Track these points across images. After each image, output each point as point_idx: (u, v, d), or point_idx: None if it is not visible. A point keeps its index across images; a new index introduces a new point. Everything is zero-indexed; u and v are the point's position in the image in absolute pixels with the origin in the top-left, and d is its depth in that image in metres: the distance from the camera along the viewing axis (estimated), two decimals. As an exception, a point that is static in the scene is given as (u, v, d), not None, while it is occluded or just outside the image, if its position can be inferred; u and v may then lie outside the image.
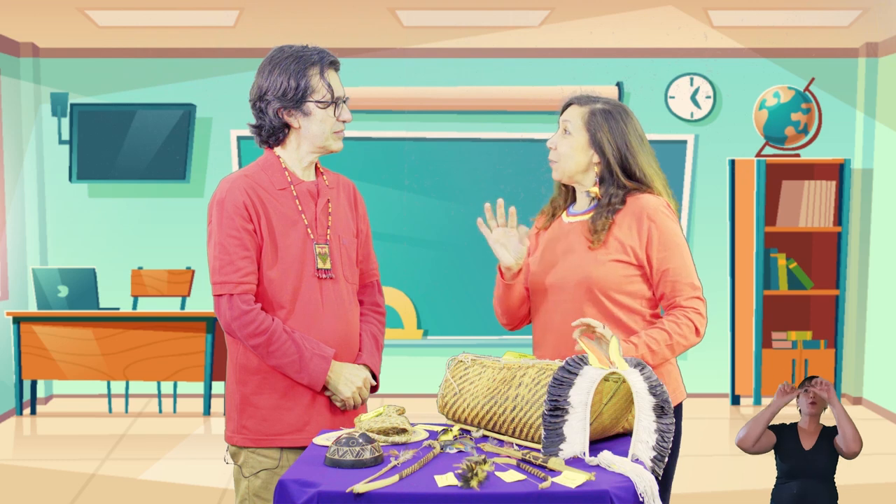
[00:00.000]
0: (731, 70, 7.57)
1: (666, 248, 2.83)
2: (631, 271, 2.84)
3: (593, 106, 2.90)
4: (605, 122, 2.87)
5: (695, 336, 2.81)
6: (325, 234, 2.86)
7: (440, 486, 2.16)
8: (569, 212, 3.01)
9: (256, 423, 2.81)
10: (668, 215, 2.86)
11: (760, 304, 7.31)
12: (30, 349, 6.97)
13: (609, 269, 2.82)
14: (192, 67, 7.49)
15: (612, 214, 2.85)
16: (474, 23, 6.75)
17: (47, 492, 5.43)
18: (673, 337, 2.77)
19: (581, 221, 2.93)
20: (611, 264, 2.83)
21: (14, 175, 7.37)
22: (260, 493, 2.80)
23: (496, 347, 6.25)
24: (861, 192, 7.56)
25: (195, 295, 7.19)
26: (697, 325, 2.81)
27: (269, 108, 2.80)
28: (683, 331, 2.79)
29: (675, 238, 2.85)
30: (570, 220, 2.97)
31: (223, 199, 2.78)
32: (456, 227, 7.56)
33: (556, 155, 2.94)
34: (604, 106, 2.90)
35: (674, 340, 2.77)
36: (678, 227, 2.89)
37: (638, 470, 2.22)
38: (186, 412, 7.19)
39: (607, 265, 2.82)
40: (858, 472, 4.13)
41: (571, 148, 2.90)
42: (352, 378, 2.83)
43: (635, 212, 2.84)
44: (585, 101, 2.92)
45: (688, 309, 2.81)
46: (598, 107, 2.90)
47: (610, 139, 2.86)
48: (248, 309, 2.74)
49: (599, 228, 2.84)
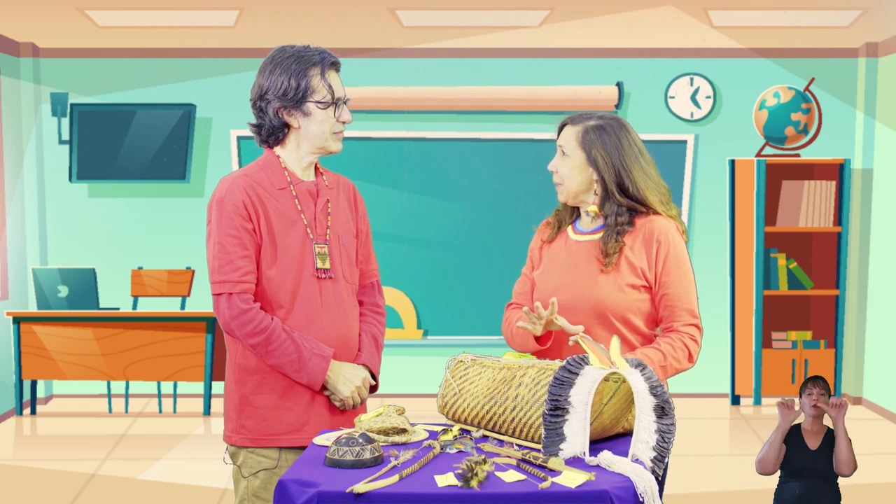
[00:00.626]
0: (731, 70, 7.57)
1: (670, 273, 2.84)
2: (643, 295, 2.85)
3: (586, 123, 2.89)
4: (598, 137, 2.86)
5: (687, 362, 2.83)
6: (325, 233, 2.86)
7: (440, 486, 2.16)
8: (575, 228, 2.98)
9: (255, 423, 2.81)
10: (678, 239, 2.87)
11: (760, 304, 7.31)
12: (30, 349, 6.97)
13: (624, 296, 2.83)
14: (192, 67, 7.49)
15: (621, 236, 2.84)
16: (474, 23, 6.75)
17: (47, 492, 5.43)
18: (667, 359, 2.79)
19: (590, 242, 2.91)
20: (627, 290, 2.83)
21: (14, 175, 7.37)
22: (259, 493, 2.80)
23: (496, 347, 6.22)
24: (861, 192, 7.56)
25: (195, 295, 7.19)
26: (691, 351, 2.83)
27: (270, 107, 2.81)
28: (678, 354, 2.81)
29: (681, 264, 2.86)
30: (578, 238, 2.95)
31: (222, 199, 2.79)
32: (456, 227, 7.56)
33: (559, 178, 2.93)
34: (597, 122, 2.89)
35: (667, 362, 2.79)
36: (686, 252, 2.90)
37: (638, 470, 2.22)
38: (186, 412, 7.19)
39: (623, 291, 2.82)
40: (858, 472, 4.13)
41: (570, 169, 2.89)
42: (351, 377, 2.83)
43: (646, 234, 2.85)
44: (578, 120, 2.92)
45: (684, 334, 2.83)
46: (591, 124, 2.89)
47: (604, 154, 2.85)
48: (247, 308, 2.74)
49: (611, 252, 2.83)
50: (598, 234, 2.91)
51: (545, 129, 7.49)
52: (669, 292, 2.84)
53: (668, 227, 2.87)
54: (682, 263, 2.86)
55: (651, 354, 2.78)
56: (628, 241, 2.85)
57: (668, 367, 2.79)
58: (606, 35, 7.11)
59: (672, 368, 2.80)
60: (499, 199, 7.55)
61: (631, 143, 2.89)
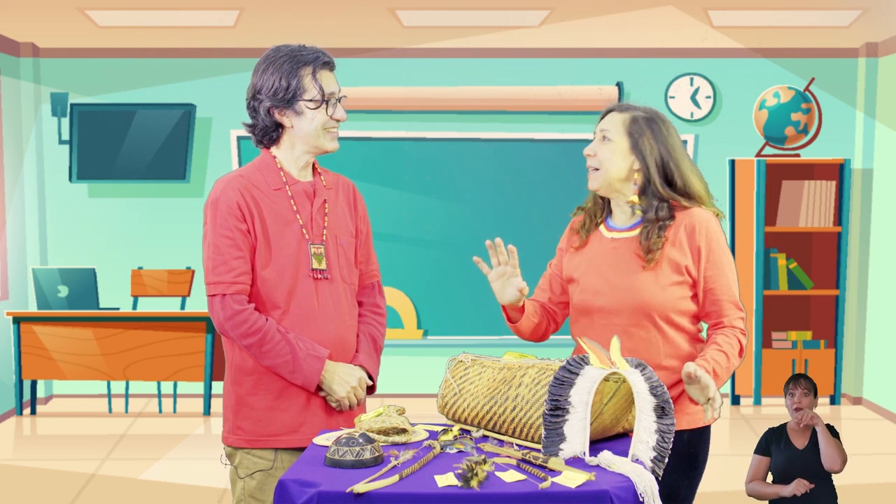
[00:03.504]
0: (731, 70, 7.57)
1: (715, 266, 2.77)
2: (686, 292, 2.78)
3: (634, 113, 2.84)
4: (648, 127, 2.80)
5: (739, 358, 2.77)
6: (321, 234, 2.85)
7: (440, 486, 2.16)
8: (608, 226, 2.89)
9: (251, 424, 2.81)
10: (719, 231, 2.81)
11: (760, 304, 7.31)
12: (30, 349, 6.97)
13: (669, 294, 2.76)
14: (192, 67, 7.49)
15: (663, 231, 2.76)
16: (474, 23, 6.75)
17: (47, 492, 5.43)
18: (730, 360, 2.72)
19: (628, 238, 2.82)
20: (671, 288, 2.76)
21: (14, 175, 7.37)
22: (255, 493, 2.80)
23: (496, 347, 6.24)
24: (861, 192, 7.56)
25: (195, 295, 7.19)
26: (743, 347, 2.78)
27: (262, 107, 2.81)
28: (735, 351, 2.75)
29: (723, 256, 2.80)
30: (614, 235, 2.86)
31: (217, 199, 2.79)
32: (456, 227, 7.56)
33: (597, 161, 2.83)
34: (645, 113, 2.84)
35: (730, 363, 2.73)
36: (726, 243, 2.84)
37: (638, 470, 2.22)
38: (186, 412, 7.19)
39: (668, 290, 2.75)
40: (858, 473, 4.13)
41: (613, 153, 2.80)
42: (346, 378, 2.82)
43: (686, 227, 2.77)
44: (626, 109, 2.86)
45: (736, 329, 2.78)
46: (639, 114, 2.83)
47: (653, 144, 2.79)
48: (241, 309, 2.74)
49: (654, 248, 2.74)
50: (635, 230, 2.82)
51: (545, 129, 7.50)
52: (715, 286, 2.77)
53: (708, 218, 2.80)
54: (724, 255, 2.80)
55: (720, 359, 2.69)
56: (668, 235, 2.77)
57: (730, 367, 2.73)
58: (606, 35, 7.11)
59: (732, 368, 2.74)
60: (499, 199, 7.54)
61: (678, 139, 2.85)
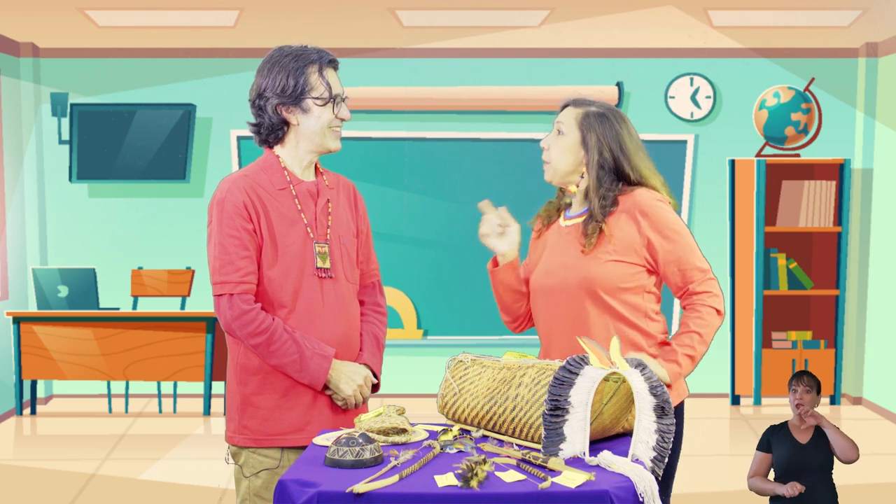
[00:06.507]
0: (731, 70, 7.57)
1: (667, 239, 2.83)
2: (632, 269, 2.85)
3: (588, 108, 2.94)
4: (599, 123, 2.90)
5: (717, 318, 2.83)
6: (325, 233, 2.87)
7: (440, 486, 2.16)
8: (565, 215, 3.03)
9: (257, 424, 2.81)
10: (661, 206, 2.87)
11: (760, 304, 7.31)
12: (30, 349, 6.97)
13: (609, 269, 2.83)
14: (192, 67, 7.49)
15: (603, 218, 2.85)
16: (474, 23, 6.75)
17: (47, 492, 5.43)
18: (702, 333, 2.80)
19: (576, 224, 2.94)
20: (610, 264, 2.83)
21: (14, 175, 7.37)
22: (261, 492, 2.80)
23: (496, 347, 6.25)
24: (861, 192, 7.56)
25: (195, 295, 7.19)
26: (716, 307, 2.84)
27: (268, 105, 2.82)
28: (707, 320, 2.81)
29: (673, 226, 2.85)
30: (567, 223, 2.99)
31: (223, 199, 2.79)
32: (456, 227, 7.55)
33: (548, 155, 2.98)
34: (598, 109, 2.93)
35: (704, 334, 2.80)
36: (674, 214, 2.90)
37: (638, 470, 2.22)
38: (186, 412, 7.19)
39: (607, 265, 2.83)
40: (858, 472, 4.14)
41: (562, 150, 2.94)
42: (353, 376, 2.84)
43: (628, 208, 2.85)
44: (581, 104, 2.96)
45: (702, 294, 2.83)
46: (592, 109, 2.93)
47: (602, 139, 2.88)
48: (248, 308, 2.74)
49: (590, 233, 2.85)
50: (584, 216, 2.93)
51: (545, 129, 7.47)
52: (673, 258, 2.84)
53: (649, 196, 2.87)
54: (672, 224, 2.85)
55: (688, 341, 2.79)
56: (613, 219, 2.86)
57: (706, 336, 2.80)
58: (606, 35, 7.11)
59: (709, 336, 2.82)
60: (499, 199, 7.51)
61: (630, 135, 2.92)
